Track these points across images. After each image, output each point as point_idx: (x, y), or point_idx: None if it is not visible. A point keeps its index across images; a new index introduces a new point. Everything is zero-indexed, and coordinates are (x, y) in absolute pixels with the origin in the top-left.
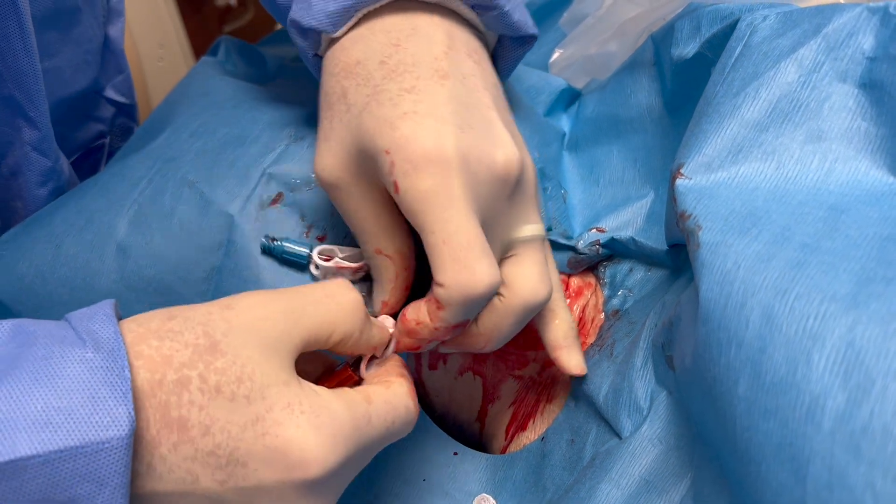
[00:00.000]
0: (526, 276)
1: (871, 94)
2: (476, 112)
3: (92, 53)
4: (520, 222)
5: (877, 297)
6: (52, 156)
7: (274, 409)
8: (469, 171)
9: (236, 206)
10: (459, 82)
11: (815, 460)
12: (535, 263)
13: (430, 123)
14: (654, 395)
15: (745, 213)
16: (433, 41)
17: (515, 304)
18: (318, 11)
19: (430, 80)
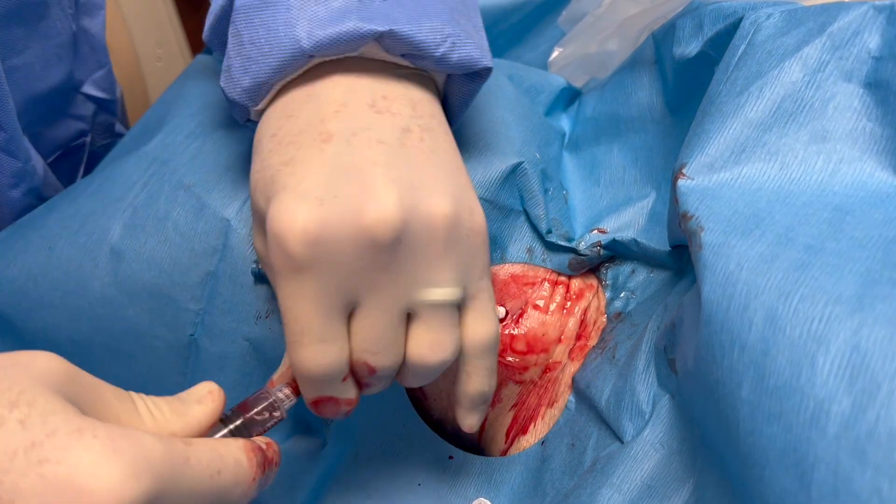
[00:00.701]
0: (416, 343)
1: (877, 93)
2: (353, 174)
3: (63, 47)
4: (419, 283)
5: (882, 298)
6: (22, 156)
7: (57, 433)
8: (325, 247)
9: (232, 210)
10: (344, 143)
11: (819, 466)
12: (430, 329)
13: (288, 201)
14: (656, 398)
15: (748, 214)
16: (325, 103)
17: (408, 364)
18: (235, 85)
19: (310, 147)
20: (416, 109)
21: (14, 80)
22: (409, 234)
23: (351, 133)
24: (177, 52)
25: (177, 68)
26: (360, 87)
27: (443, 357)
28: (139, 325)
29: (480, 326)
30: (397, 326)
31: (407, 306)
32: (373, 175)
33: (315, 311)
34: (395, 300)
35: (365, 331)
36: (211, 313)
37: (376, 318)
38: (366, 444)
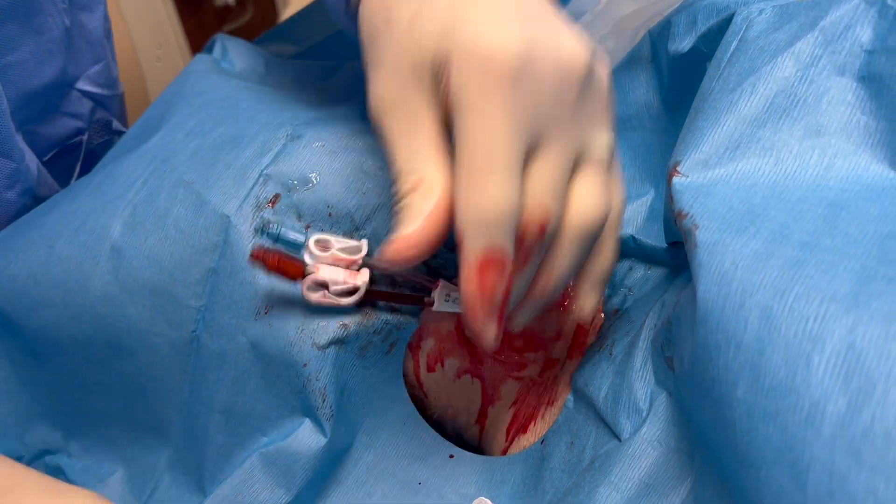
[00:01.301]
0: (586, 194)
1: (870, 87)
2: (536, 7)
3: (55, 43)
4: (592, 130)
5: (878, 296)
6: (17, 156)
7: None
8: (530, 71)
9: (232, 206)
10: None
11: (815, 466)
12: (599, 179)
13: (488, 17)
14: (653, 396)
15: (743, 211)
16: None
17: (575, 225)
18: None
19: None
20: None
21: (7, 78)
22: (590, 80)
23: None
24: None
25: (176, 68)
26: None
27: (608, 209)
28: (140, 323)
29: (618, 192)
30: (569, 176)
31: (580, 154)
32: (551, 12)
33: (509, 135)
34: (574, 143)
35: (547, 172)
36: (212, 310)
37: (558, 160)
38: (366, 441)
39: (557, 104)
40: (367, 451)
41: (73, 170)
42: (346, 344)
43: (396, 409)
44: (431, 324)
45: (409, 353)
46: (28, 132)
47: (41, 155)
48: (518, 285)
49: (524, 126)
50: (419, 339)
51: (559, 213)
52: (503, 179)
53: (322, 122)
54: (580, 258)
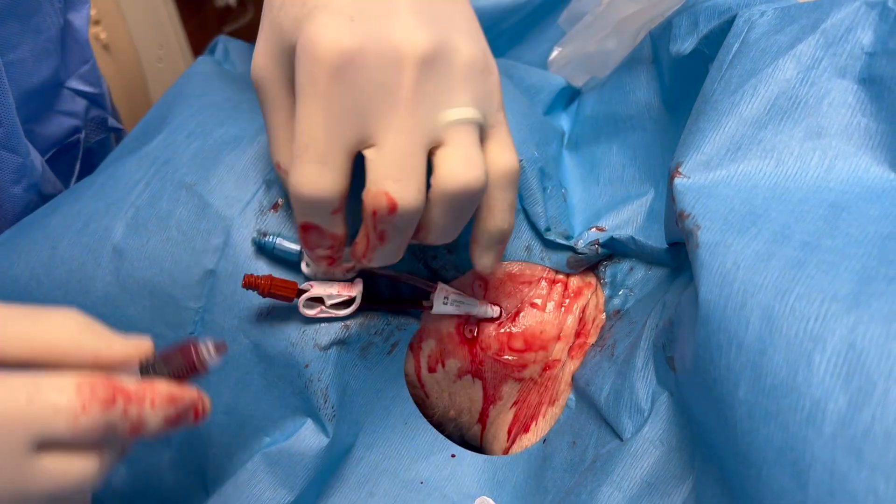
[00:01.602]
0: (447, 161)
1: (871, 89)
2: (382, 2)
3: (52, 42)
4: (441, 106)
5: (878, 296)
6: (22, 151)
7: None
8: (354, 65)
9: (235, 210)
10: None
11: (816, 465)
12: (459, 147)
13: (322, 17)
14: (655, 396)
15: (744, 212)
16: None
17: (437, 191)
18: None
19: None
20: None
21: (10, 76)
22: (433, 61)
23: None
24: (177, 52)
25: (177, 69)
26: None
27: (476, 174)
28: (140, 324)
29: (502, 156)
30: (421, 155)
31: (431, 133)
32: (398, 3)
33: (326, 127)
34: (418, 124)
35: (387, 155)
36: (211, 311)
37: (400, 140)
38: (368, 440)
39: (388, 94)
40: (369, 450)
41: (73, 169)
42: (347, 345)
43: (398, 409)
44: (432, 325)
45: (411, 354)
46: (28, 131)
47: (41, 154)
48: (388, 251)
49: (346, 118)
50: (420, 340)
51: (418, 189)
52: (313, 170)
53: None
54: (454, 224)
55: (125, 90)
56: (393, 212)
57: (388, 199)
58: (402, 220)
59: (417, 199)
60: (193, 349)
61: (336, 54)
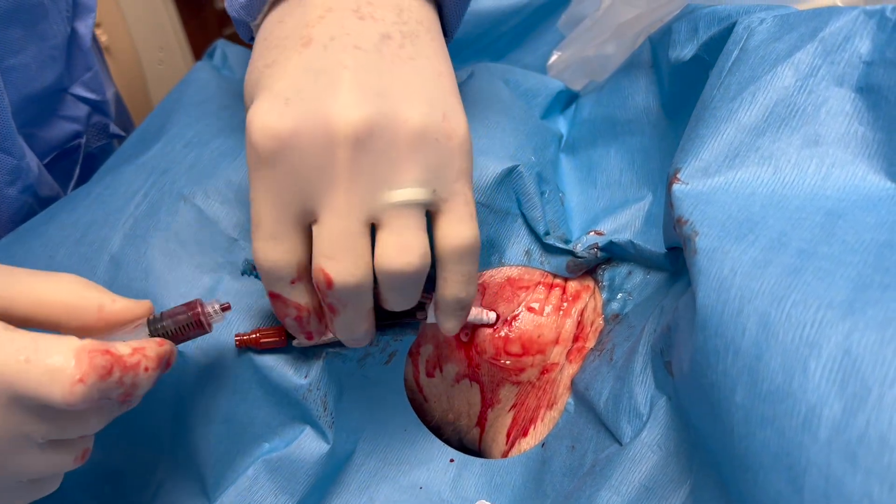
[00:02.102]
0: (382, 247)
1: (868, 98)
2: (323, 77)
3: (58, 49)
4: (379, 188)
5: (873, 303)
6: (17, 153)
7: None
8: (286, 143)
9: (232, 223)
10: (321, 47)
11: (811, 469)
12: (393, 232)
13: (260, 101)
14: (653, 400)
15: (741, 219)
16: (311, 8)
17: (377, 274)
18: (234, 3)
19: (290, 50)
20: (401, 15)
21: (9, 80)
22: (371, 138)
23: (329, 38)
24: (178, 54)
25: (178, 71)
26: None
27: (408, 260)
28: None
29: (454, 230)
30: (358, 234)
31: (369, 213)
32: (340, 78)
33: (270, 207)
34: (354, 204)
35: (322, 235)
36: None
37: (334, 222)
38: (367, 447)
39: (324, 173)
40: (369, 457)
41: (73, 173)
42: (345, 355)
43: (397, 416)
44: (430, 330)
45: (409, 360)
46: (27, 135)
47: (41, 158)
48: (344, 320)
49: (285, 198)
50: (418, 346)
51: (354, 266)
52: (264, 245)
53: None
54: (402, 298)
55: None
56: (330, 287)
57: (324, 276)
58: (342, 294)
59: (354, 275)
60: (199, 307)
61: (268, 139)
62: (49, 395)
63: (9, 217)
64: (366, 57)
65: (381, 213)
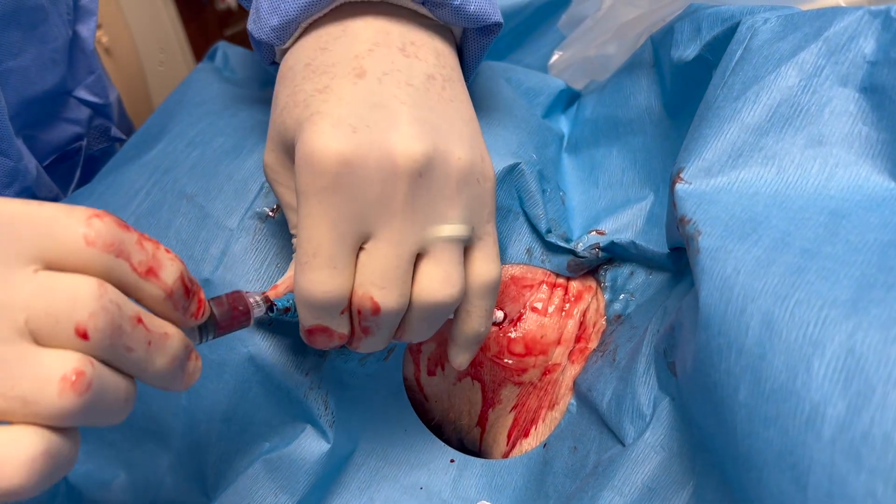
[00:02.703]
0: (428, 277)
1: (873, 98)
2: (382, 110)
3: (59, 52)
4: (433, 221)
5: (877, 302)
6: (14, 155)
7: None
8: (353, 171)
9: (235, 219)
10: (375, 80)
11: (815, 468)
12: (440, 264)
13: (323, 125)
14: (656, 401)
15: (745, 219)
16: (358, 40)
17: (415, 303)
18: (264, 25)
19: (344, 79)
20: (439, 59)
21: (8, 83)
22: (429, 173)
23: (382, 72)
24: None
25: (179, 72)
26: (391, 30)
27: (451, 292)
28: None
29: (485, 267)
30: (407, 264)
31: (419, 244)
32: (399, 112)
33: (331, 233)
34: (408, 234)
35: (375, 262)
36: None
37: (388, 251)
38: (368, 447)
39: (383, 202)
40: (370, 456)
41: (73, 176)
42: (346, 354)
43: (398, 415)
44: None
45: (410, 358)
46: (27, 137)
47: (41, 160)
48: (371, 342)
49: (347, 225)
50: (420, 344)
51: (400, 295)
52: (322, 275)
53: None
54: (428, 328)
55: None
56: (376, 314)
57: (372, 303)
58: (384, 320)
59: (399, 303)
60: (245, 296)
61: (336, 162)
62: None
63: None
64: (417, 94)
65: (429, 245)
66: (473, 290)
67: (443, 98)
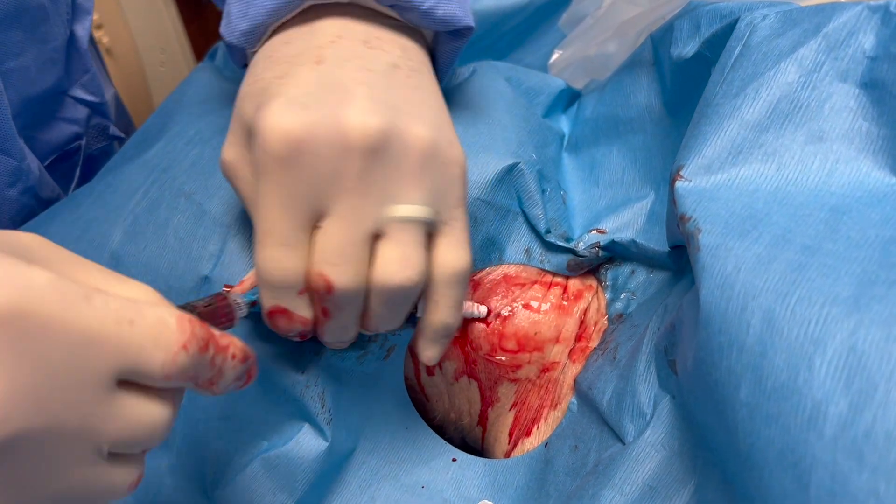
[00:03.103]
0: (382, 258)
1: (873, 93)
2: (338, 89)
3: (57, 52)
4: (387, 200)
5: (879, 299)
6: (17, 155)
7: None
8: (303, 147)
9: (232, 217)
10: (333, 66)
11: (817, 467)
12: (398, 245)
13: (275, 104)
14: (657, 399)
15: (745, 216)
16: (321, 34)
17: (371, 284)
18: (234, 29)
19: (303, 66)
20: (405, 52)
21: (9, 83)
22: (385, 149)
23: (343, 59)
24: (179, 56)
25: (180, 72)
26: (356, 26)
27: (408, 275)
28: None
29: (451, 254)
30: (362, 242)
31: (375, 224)
32: (356, 91)
33: (283, 212)
34: (362, 213)
35: (329, 239)
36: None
37: (341, 228)
38: (369, 445)
39: (336, 179)
40: (370, 455)
41: (73, 175)
42: (342, 352)
43: (398, 413)
44: None
45: (410, 357)
46: (28, 137)
47: (41, 160)
48: (334, 327)
49: (298, 202)
50: None
51: (356, 273)
52: (276, 253)
53: None
54: (390, 314)
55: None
56: (329, 292)
57: (324, 281)
58: (339, 299)
59: (354, 282)
60: (228, 300)
61: (285, 141)
62: (149, 362)
63: (9, 219)
64: (377, 77)
65: (386, 225)
66: (439, 279)
67: (407, 84)
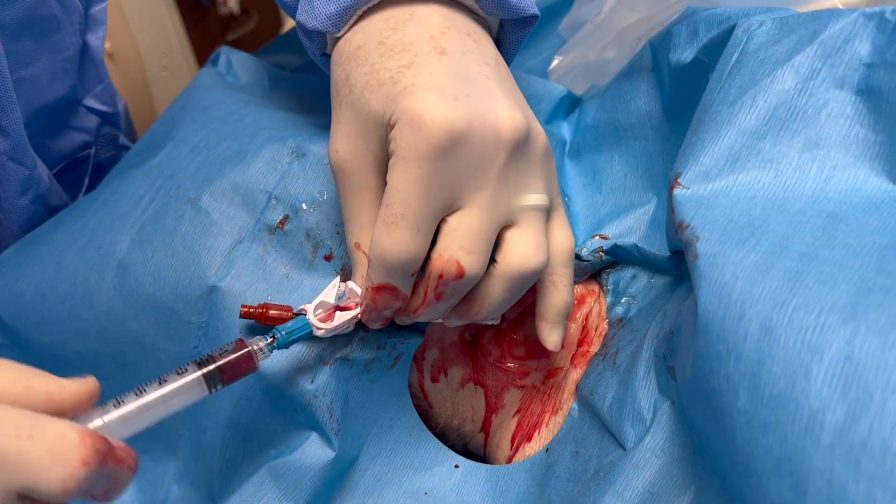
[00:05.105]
0: (519, 244)
1: (869, 100)
2: (474, 83)
3: (69, 61)
4: (521, 191)
5: (875, 307)
6: (29, 164)
7: None
8: (460, 142)
9: (239, 226)
10: (457, 58)
11: (814, 475)
12: (532, 231)
13: (426, 93)
14: (657, 405)
15: (743, 223)
16: (430, 23)
17: (505, 270)
18: (319, 14)
19: (427, 55)
20: (492, 46)
21: (21, 92)
22: (524, 145)
23: (461, 52)
24: (182, 61)
25: (182, 78)
26: (455, 18)
27: (543, 258)
28: (144, 338)
29: (563, 235)
30: (493, 232)
31: (507, 213)
32: (490, 87)
33: (424, 197)
34: (499, 203)
35: (466, 227)
36: (214, 326)
37: (478, 217)
38: (372, 452)
39: (482, 171)
40: (374, 462)
41: (82, 183)
42: (351, 360)
43: (402, 421)
44: (436, 334)
45: (414, 365)
46: (37, 145)
47: (50, 168)
48: (438, 309)
49: (442, 191)
50: (423, 350)
51: (484, 262)
52: (405, 235)
53: (326, 136)
54: (511, 299)
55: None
56: (460, 278)
57: (458, 267)
58: (463, 286)
59: (482, 270)
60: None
61: (446, 130)
62: (48, 479)
63: (20, 226)
64: (494, 72)
65: (517, 214)
66: (557, 259)
67: (510, 79)
